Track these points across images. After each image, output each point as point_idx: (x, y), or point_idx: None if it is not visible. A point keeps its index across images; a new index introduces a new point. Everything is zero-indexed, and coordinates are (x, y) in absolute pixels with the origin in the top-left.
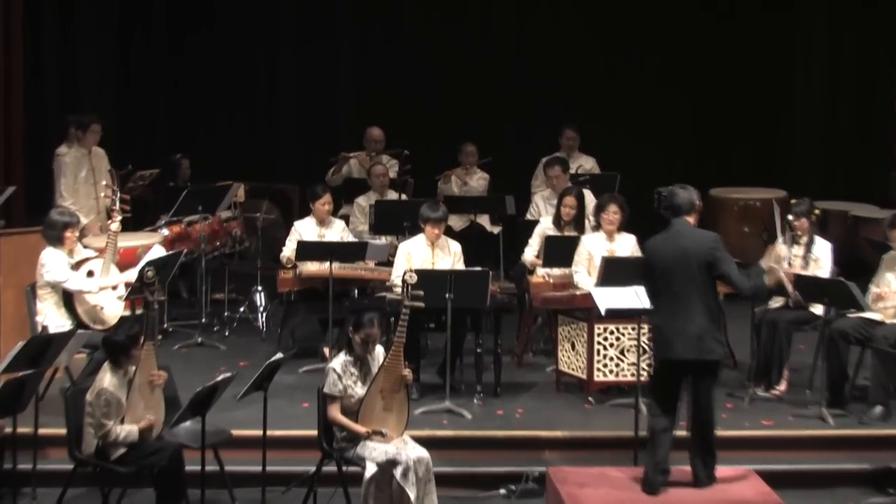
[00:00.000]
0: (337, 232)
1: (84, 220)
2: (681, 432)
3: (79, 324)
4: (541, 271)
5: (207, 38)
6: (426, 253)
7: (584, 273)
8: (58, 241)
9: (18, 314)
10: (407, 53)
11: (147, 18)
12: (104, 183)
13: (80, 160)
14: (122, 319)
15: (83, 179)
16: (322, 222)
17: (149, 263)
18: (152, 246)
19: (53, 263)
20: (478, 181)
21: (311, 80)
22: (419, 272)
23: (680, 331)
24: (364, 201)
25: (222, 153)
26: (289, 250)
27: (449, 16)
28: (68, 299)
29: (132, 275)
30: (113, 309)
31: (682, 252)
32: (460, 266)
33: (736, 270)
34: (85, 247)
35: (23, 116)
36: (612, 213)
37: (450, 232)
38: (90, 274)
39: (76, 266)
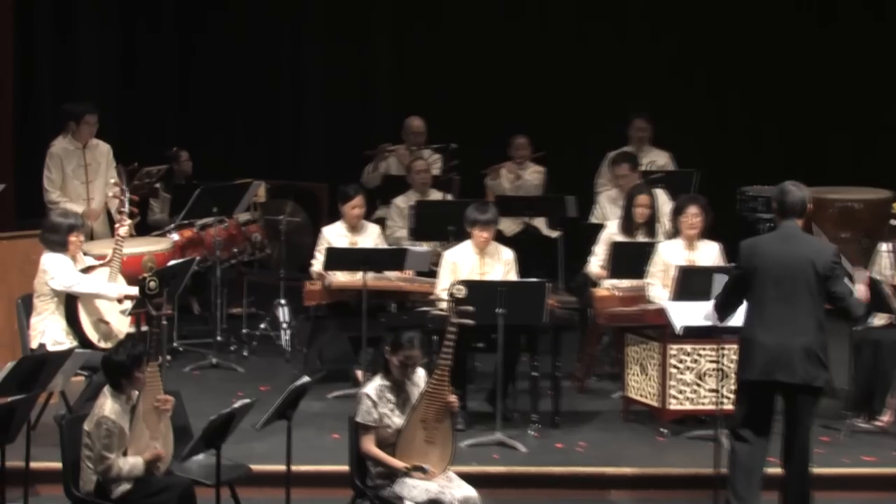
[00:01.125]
0: (371, 238)
1: None
2: (772, 469)
3: (82, 341)
4: (606, 283)
5: (222, 20)
6: (474, 261)
7: (659, 286)
8: (61, 246)
9: (8, 330)
10: (450, 36)
11: (155, 2)
12: (112, 181)
13: (69, 153)
14: (128, 337)
15: (71, 175)
16: (354, 228)
17: (153, 273)
18: (166, 253)
19: (59, 268)
20: (532, 175)
21: (342, 65)
22: (466, 284)
23: (784, 348)
24: (403, 202)
25: (240, 147)
26: (319, 264)
27: None
28: (72, 313)
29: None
30: (119, 325)
31: (801, 259)
32: (513, 277)
33: (851, 291)
34: (85, 254)
35: (11, 107)
36: (693, 217)
37: (501, 237)
38: None
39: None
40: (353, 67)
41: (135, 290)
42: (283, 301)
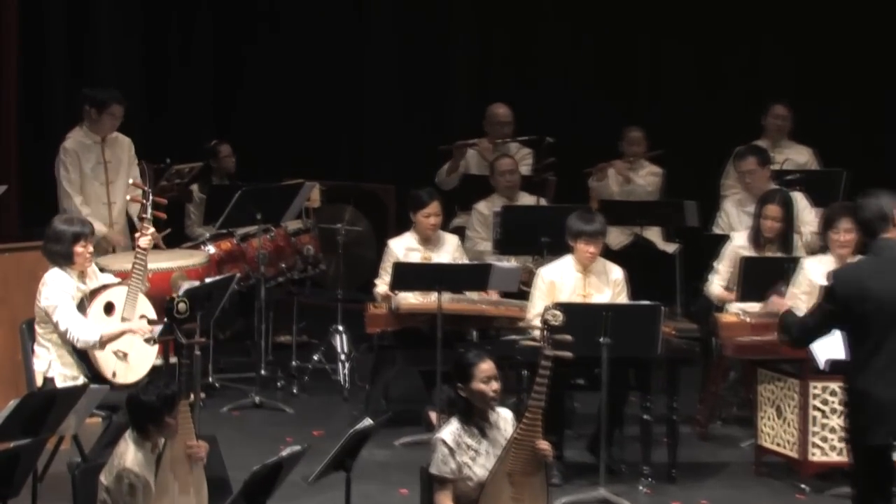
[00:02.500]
0: (448, 252)
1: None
2: None
3: (93, 375)
4: (734, 307)
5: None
6: (575, 281)
7: (801, 312)
8: (65, 259)
9: (10, 362)
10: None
11: None
12: (130, 182)
13: (86, 148)
14: (154, 372)
15: (89, 175)
16: (428, 239)
17: (183, 294)
18: (200, 269)
19: (55, 294)
20: (647, 177)
21: (411, 43)
22: (564, 308)
23: None
24: (486, 208)
25: (290, 142)
26: (385, 283)
27: None
28: None
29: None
30: (142, 356)
31: None
32: (623, 299)
33: None
34: (102, 270)
35: (14, 96)
36: (846, 234)
37: (607, 252)
38: (109, 308)
39: (91, 296)
40: (425, 49)
41: (142, 326)
42: (340, 328)
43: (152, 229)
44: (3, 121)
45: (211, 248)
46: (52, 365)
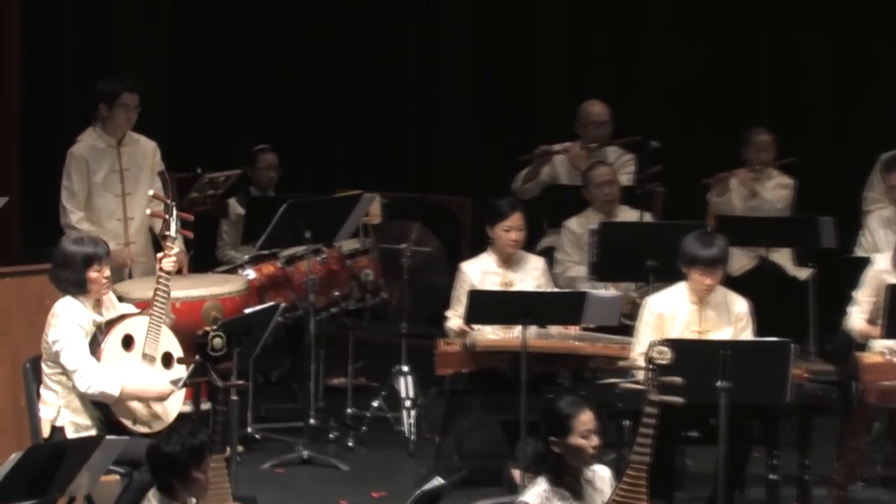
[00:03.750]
0: (533, 277)
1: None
2: None
3: (108, 423)
4: (879, 344)
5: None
6: (689, 313)
7: None
8: (76, 286)
9: (12, 407)
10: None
11: None
12: (150, 193)
13: (98, 153)
14: (180, 420)
15: (101, 185)
16: (509, 261)
17: (218, 327)
18: (238, 298)
19: (64, 326)
20: (775, 189)
21: (489, 38)
22: (676, 345)
23: None
24: (579, 226)
25: (342, 148)
26: (458, 315)
27: None
28: None
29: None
30: (170, 402)
31: None
32: (748, 336)
33: None
34: (121, 298)
35: (18, 94)
36: None
37: (727, 279)
38: (128, 342)
39: (106, 328)
40: (507, 44)
41: (166, 389)
42: (405, 368)
43: (176, 249)
44: (3, 122)
45: (250, 273)
46: (61, 412)
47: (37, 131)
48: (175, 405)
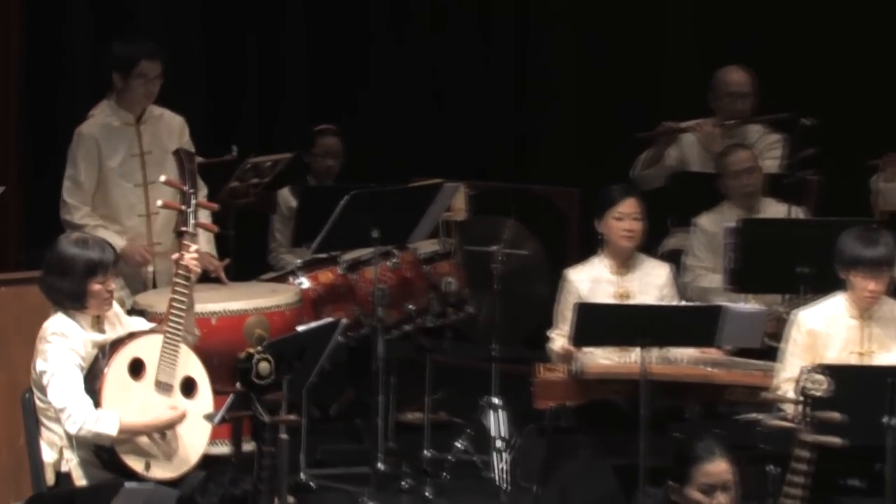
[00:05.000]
0: (655, 285)
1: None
2: None
3: (114, 467)
4: None
5: None
6: (849, 331)
7: None
8: (72, 300)
9: (8, 447)
10: None
11: None
12: (162, 180)
13: (113, 133)
14: (210, 463)
15: (117, 172)
16: (625, 264)
17: (264, 348)
18: (289, 312)
19: (53, 351)
20: None
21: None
22: (834, 372)
23: None
24: (712, 223)
25: (417, 131)
26: (562, 333)
27: None
28: None
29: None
30: (189, 438)
31: None
32: None
33: None
34: (133, 311)
35: (15, 64)
36: None
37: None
38: (137, 368)
39: (111, 350)
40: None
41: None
42: (496, 400)
43: (195, 246)
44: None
45: (304, 282)
46: (64, 455)
47: (41, 107)
48: (199, 443)
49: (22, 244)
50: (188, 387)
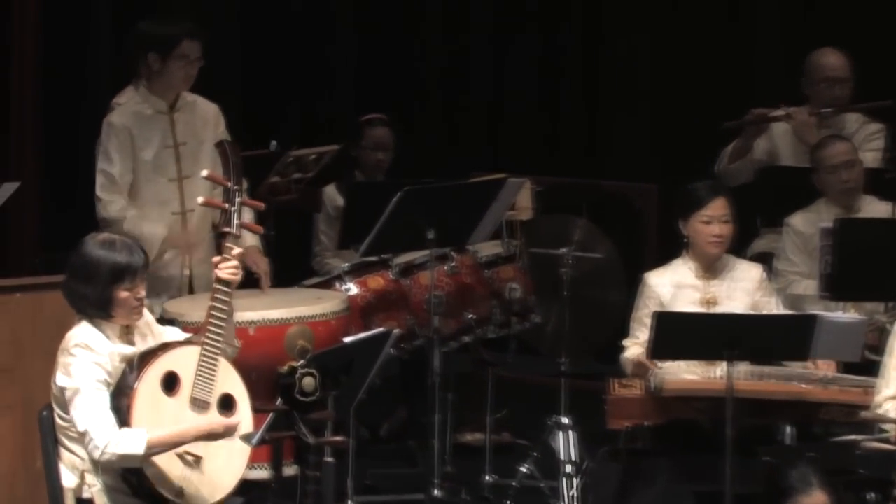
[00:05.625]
0: (745, 291)
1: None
2: None
3: (149, 495)
4: None
5: None
6: None
7: None
8: (97, 308)
9: (24, 470)
10: None
11: None
12: (204, 175)
13: (145, 122)
14: (248, 489)
15: (150, 166)
16: (711, 269)
17: (307, 361)
18: (335, 321)
19: (78, 365)
20: None
21: None
22: None
23: None
24: (807, 224)
25: (478, 115)
26: (639, 344)
27: None
28: None
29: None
30: (225, 462)
31: None
32: None
33: None
34: (163, 320)
35: (33, 64)
36: None
37: None
38: (171, 382)
39: (141, 363)
40: None
41: (224, 424)
42: (564, 420)
43: (238, 250)
44: (14, 81)
45: (352, 288)
46: (86, 479)
47: (60, 94)
48: (236, 467)
49: (40, 246)
50: (226, 404)
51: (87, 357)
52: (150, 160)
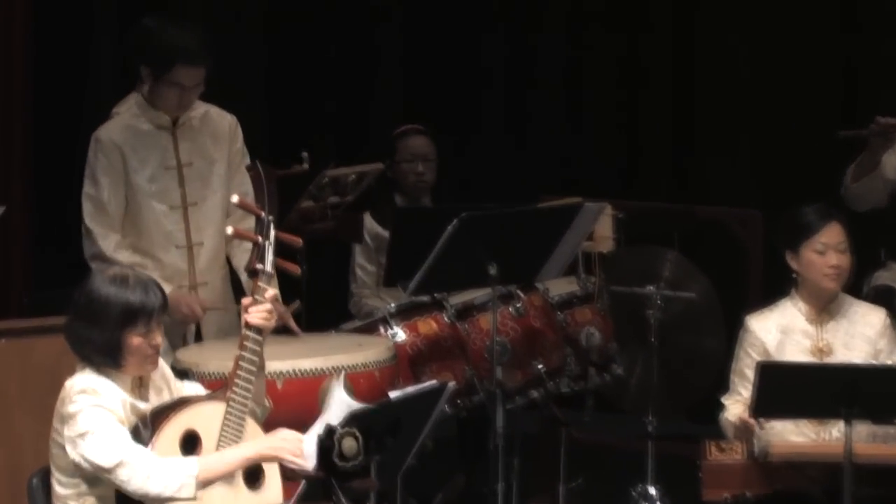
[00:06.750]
0: (865, 337)
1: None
2: None
3: None
4: None
5: None
6: None
7: None
8: (106, 355)
9: None
10: None
11: None
12: (234, 201)
13: (142, 138)
14: None
15: (147, 189)
16: (825, 308)
17: (347, 419)
18: (379, 373)
19: (86, 411)
20: None
21: None
22: None
23: None
24: None
25: (545, 137)
26: (741, 403)
27: None
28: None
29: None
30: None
31: None
32: None
33: None
34: (175, 371)
35: (21, 70)
36: None
37: None
38: (191, 443)
39: (154, 421)
40: None
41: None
42: (652, 490)
43: (273, 292)
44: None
45: (399, 334)
46: None
47: (54, 106)
48: None
49: (29, 283)
50: (253, 471)
51: (95, 401)
52: (145, 184)
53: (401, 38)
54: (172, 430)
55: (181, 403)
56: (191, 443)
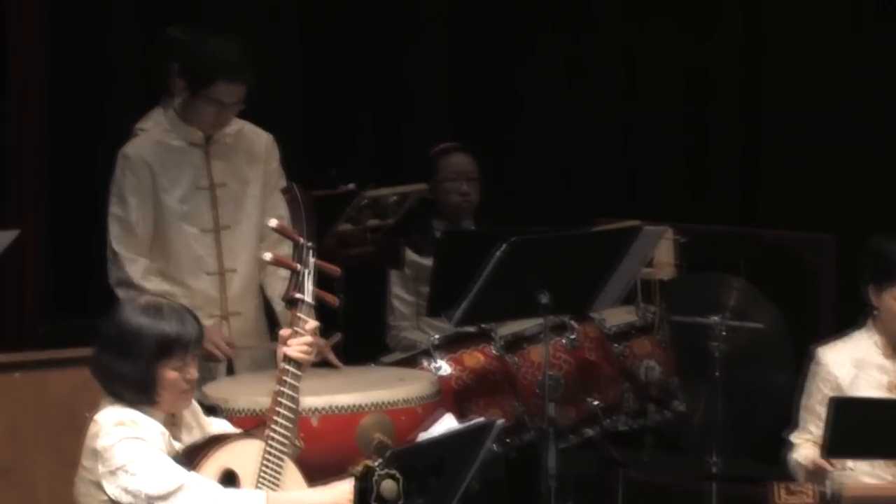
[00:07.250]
0: None
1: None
2: None
3: None
4: None
5: None
6: None
7: None
8: (138, 391)
9: None
10: None
11: None
12: (272, 225)
13: (172, 155)
14: None
15: (177, 211)
16: None
17: (386, 459)
18: (421, 408)
19: (123, 442)
20: None
21: None
22: None
23: None
24: None
25: (599, 156)
26: (812, 442)
27: None
28: None
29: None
30: None
31: None
32: None
33: None
34: (203, 407)
35: (37, 83)
36: None
37: None
38: (228, 481)
39: (188, 458)
40: None
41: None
42: None
43: (313, 323)
44: (13, 105)
45: (443, 367)
46: None
47: (70, 124)
48: None
49: (43, 313)
50: None
51: (133, 433)
52: (176, 205)
53: (445, 51)
54: (210, 468)
55: (216, 441)
56: (229, 482)
